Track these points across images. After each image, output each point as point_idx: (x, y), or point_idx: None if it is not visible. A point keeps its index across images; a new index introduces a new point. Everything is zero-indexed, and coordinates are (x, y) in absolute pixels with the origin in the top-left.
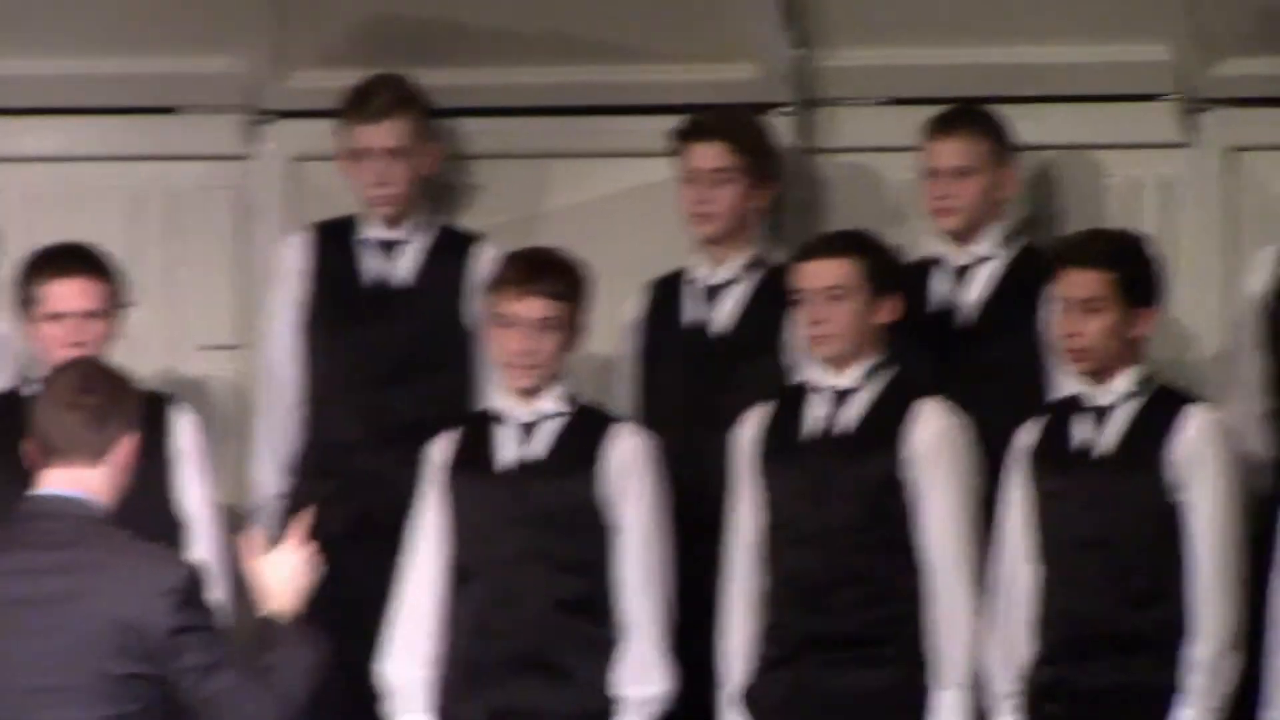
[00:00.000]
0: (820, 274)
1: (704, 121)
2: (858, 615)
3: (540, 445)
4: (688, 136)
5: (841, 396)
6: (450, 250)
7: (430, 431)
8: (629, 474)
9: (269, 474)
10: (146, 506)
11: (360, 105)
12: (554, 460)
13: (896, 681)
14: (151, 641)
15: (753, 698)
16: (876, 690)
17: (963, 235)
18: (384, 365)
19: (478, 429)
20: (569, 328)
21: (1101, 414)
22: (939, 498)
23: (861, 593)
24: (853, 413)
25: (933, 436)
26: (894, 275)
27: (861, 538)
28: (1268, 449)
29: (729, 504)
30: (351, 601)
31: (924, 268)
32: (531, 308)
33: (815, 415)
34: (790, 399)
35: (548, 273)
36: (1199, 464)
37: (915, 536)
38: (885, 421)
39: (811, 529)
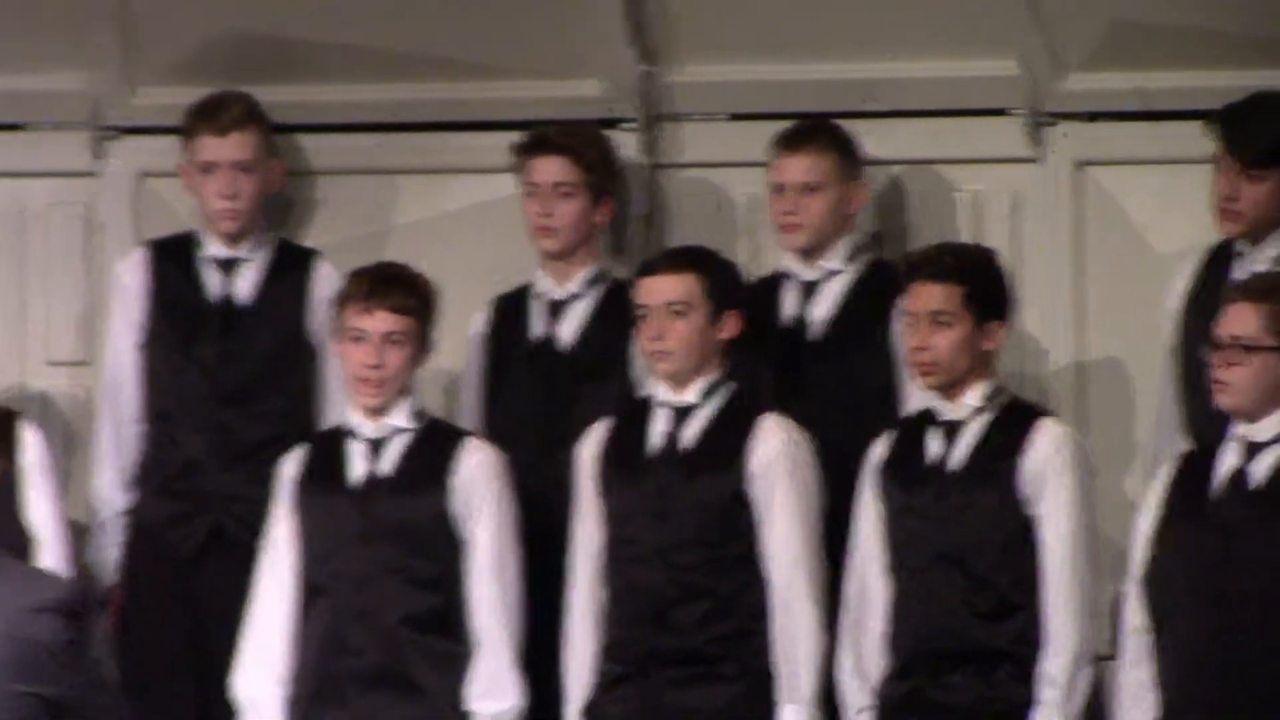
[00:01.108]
0: (661, 289)
1: (546, 136)
2: (700, 632)
3: (389, 461)
4: (530, 151)
5: (683, 413)
6: (290, 267)
7: (275, 448)
8: (478, 489)
9: (111, 491)
10: None
11: (209, 118)
12: (403, 476)
13: (741, 698)
14: (43, 657)
15: (598, 714)
16: (721, 706)
17: (811, 251)
18: (227, 383)
19: (328, 445)
20: (416, 343)
21: (952, 428)
22: (781, 513)
23: (704, 609)
24: (693, 429)
25: (774, 453)
26: (735, 291)
27: (703, 554)
28: None
29: (572, 519)
30: (205, 619)
31: (773, 283)
32: (378, 322)
33: (657, 432)
34: (633, 415)
35: (394, 287)
36: (1050, 477)
37: (758, 553)
38: (726, 438)
39: (652, 545)
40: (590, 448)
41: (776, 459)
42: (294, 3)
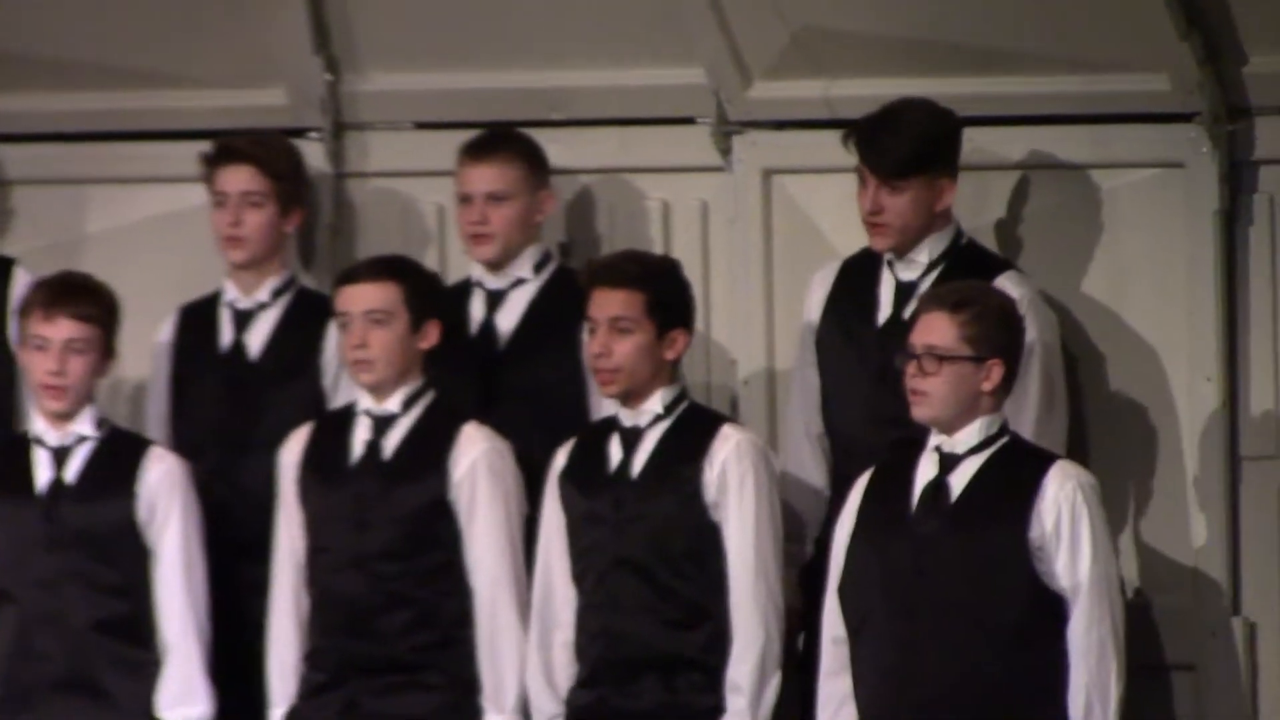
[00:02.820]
0: (362, 297)
1: (233, 145)
2: (402, 640)
3: (73, 469)
4: (217, 160)
5: (384, 422)
6: None
7: None
8: (162, 498)
9: None
10: None
11: None
12: (87, 484)
13: (446, 706)
14: None
15: None
16: (425, 714)
17: (498, 260)
18: None
19: (12, 451)
20: (99, 351)
21: (633, 436)
22: (482, 522)
23: (405, 617)
24: (395, 439)
25: (475, 461)
26: (436, 300)
27: (404, 564)
28: (820, 470)
29: (271, 526)
30: None
31: (462, 291)
32: (60, 330)
33: (359, 440)
34: (333, 423)
35: (76, 296)
36: (733, 484)
37: (461, 561)
38: (427, 447)
39: (353, 554)
40: (291, 454)
41: (478, 467)
42: None
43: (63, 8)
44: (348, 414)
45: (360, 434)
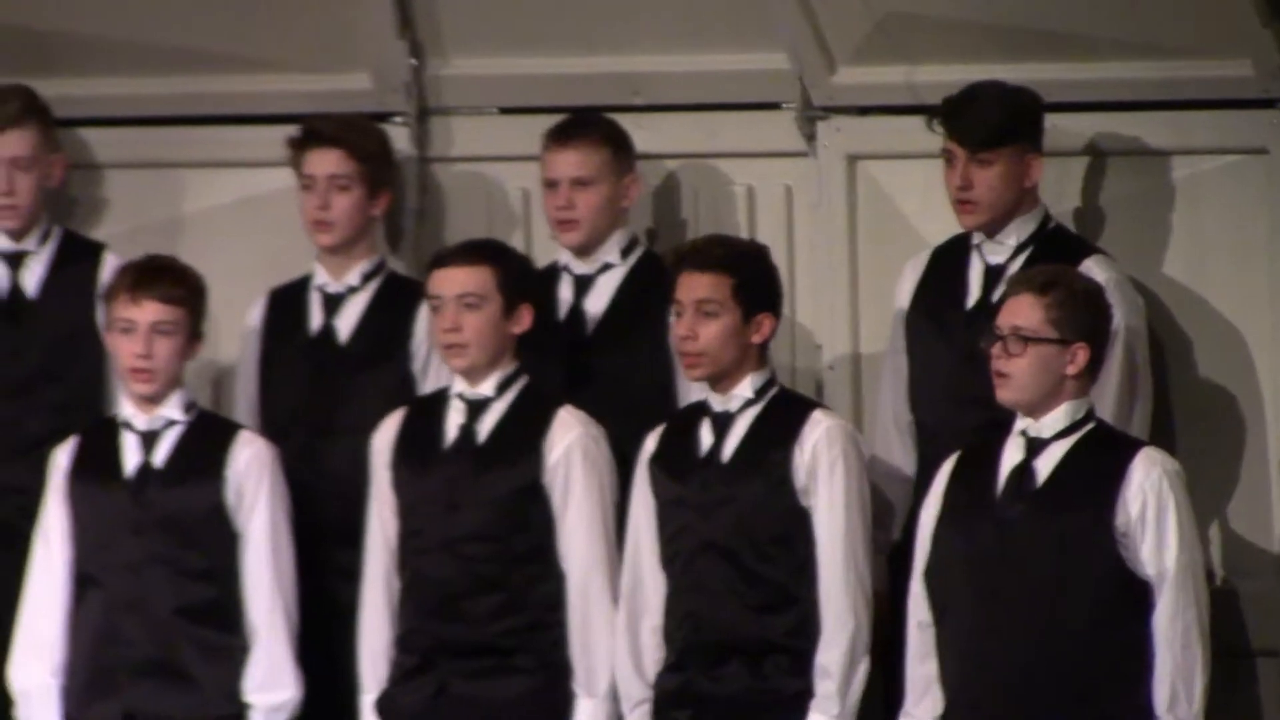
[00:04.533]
0: (455, 281)
1: (320, 128)
2: (492, 624)
3: (162, 453)
4: (304, 144)
5: (478, 406)
6: (76, 260)
7: (59, 442)
8: (250, 482)
9: None
10: None
11: None
12: (175, 468)
13: (536, 689)
14: None
15: (392, 704)
16: (515, 698)
17: (585, 245)
18: (16, 377)
19: (101, 436)
20: (185, 333)
21: (724, 420)
22: (576, 506)
23: (495, 601)
24: (489, 422)
25: (570, 445)
26: (529, 284)
27: (495, 547)
28: (908, 456)
29: (358, 510)
30: None
31: (549, 276)
32: (146, 312)
33: (453, 424)
34: (427, 407)
35: (161, 278)
36: (823, 469)
37: (553, 545)
38: (522, 431)
39: (446, 537)
40: (384, 438)
41: (573, 452)
42: None
43: None
44: (441, 398)
45: (454, 418)
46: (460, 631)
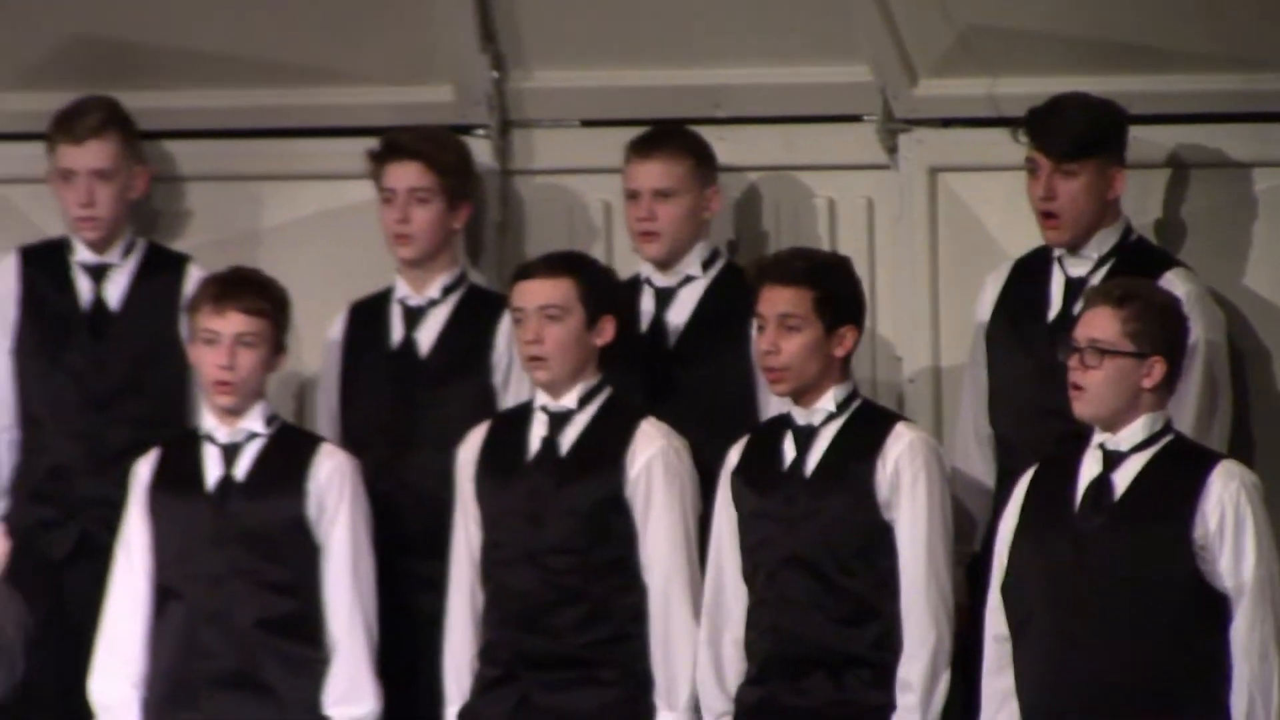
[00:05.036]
0: (537, 293)
1: (400, 141)
2: (574, 635)
3: (243, 466)
4: (385, 156)
5: (561, 419)
6: (160, 272)
7: (142, 454)
8: (332, 495)
9: None
10: None
11: (67, 127)
12: (257, 481)
13: (616, 701)
14: None
15: (474, 716)
16: (596, 710)
17: (667, 257)
18: (99, 389)
19: (183, 448)
20: (268, 345)
21: (807, 433)
22: (658, 519)
23: (577, 613)
24: (571, 435)
25: (652, 458)
26: (611, 296)
27: (578, 559)
28: (988, 469)
29: (452, 522)
30: (73, 623)
31: (631, 288)
32: (230, 324)
33: (535, 437)
34: (511, 419)
35: (245, 290)
36: (906, 482)
37: (636, 557)
38: (604, 443)
39: (528, 549)
40: (469, 450)
41: (654, 464)
42: (153, 9)
43: (234, 5)
44: (525, 411)
45: (537, 430)
46: (542, 643)
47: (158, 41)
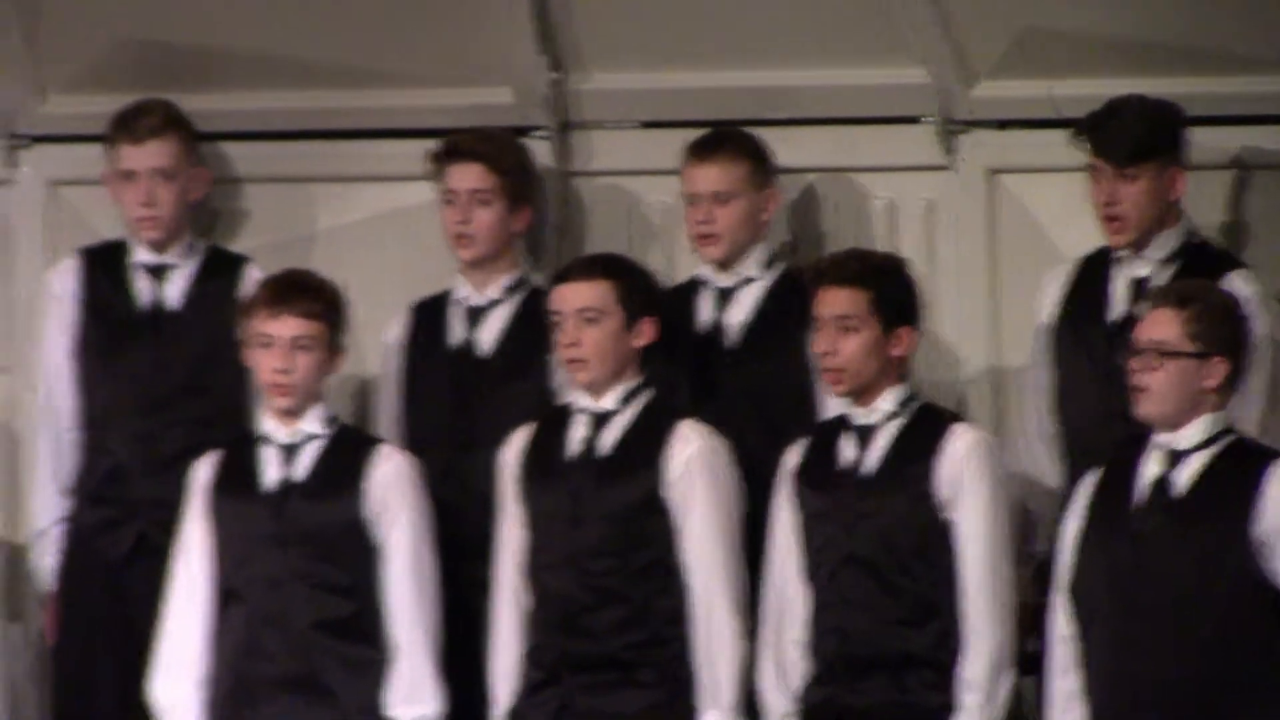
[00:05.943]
0: (574, 296)
1: (461, 143)
2: (615, 638)
3: (302, 467)
4: (446, 158)
5: (601, 419)
6: (219, 273)
7: (201, 455)
8: (392, 496)
9: (50, 499)
10: None
11: (128, 127)
12: (316, 482)
13: (660, 703)
14: None
15: (520, 719)
16: (638, 712)
17: (726, 258)
18: (158, 390)
19: (241, 450)
20: (325, 348)
21: (866, 433)
22: (699, 520)
23: (618, 615)
24: (611, 435)
25: (691, 457)
26: (650, 298)
27: (618, 560)
28: (1054, 468)
29: (496, 525)
30: (132, 624)
31: (689, 289)
32: (286, 327)
33: (575, 438)
34: (553, 420)
35: (301, 293)
36: (965, 482)
37: (676, 558)
38: (643, 444)
39: (568, 551)
40: (512, 452)
41: (694, 464)
42: (209, 10)
43: (293, 7)
44: (566, 412)
45: (577, 431)
46: (583, 645)
47: (218, 44)
